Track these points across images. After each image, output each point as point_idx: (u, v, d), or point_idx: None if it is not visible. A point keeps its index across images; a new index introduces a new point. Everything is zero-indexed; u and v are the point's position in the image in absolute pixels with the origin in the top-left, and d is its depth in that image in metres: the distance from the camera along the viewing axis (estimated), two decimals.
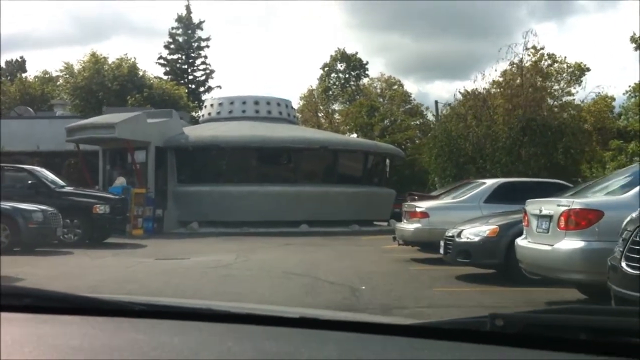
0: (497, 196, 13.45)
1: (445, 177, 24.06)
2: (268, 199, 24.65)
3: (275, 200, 24.69)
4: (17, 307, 1.51)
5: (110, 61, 46.78)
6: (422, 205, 13.82)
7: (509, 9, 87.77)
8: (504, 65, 25.48)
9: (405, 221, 14.43)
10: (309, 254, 16.20)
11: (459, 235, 10.91)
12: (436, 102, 47.71)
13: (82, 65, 46.98)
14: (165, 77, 53.35)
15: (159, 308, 1.59)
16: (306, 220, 24.69)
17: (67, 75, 47.26)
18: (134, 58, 47.79)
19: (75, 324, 1.45)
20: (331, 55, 60.73)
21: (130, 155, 24.05)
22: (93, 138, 23.66)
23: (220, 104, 29.25)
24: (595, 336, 1.20)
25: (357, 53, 60.89)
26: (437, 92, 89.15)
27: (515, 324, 1.24)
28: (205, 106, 30.48)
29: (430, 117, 55.76)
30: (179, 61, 57.67)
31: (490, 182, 13.96)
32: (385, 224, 28.20)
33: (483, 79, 25.44)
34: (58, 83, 48.02)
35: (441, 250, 11.44)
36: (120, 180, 23.15)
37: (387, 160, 28.71)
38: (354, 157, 27.01)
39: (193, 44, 57.42)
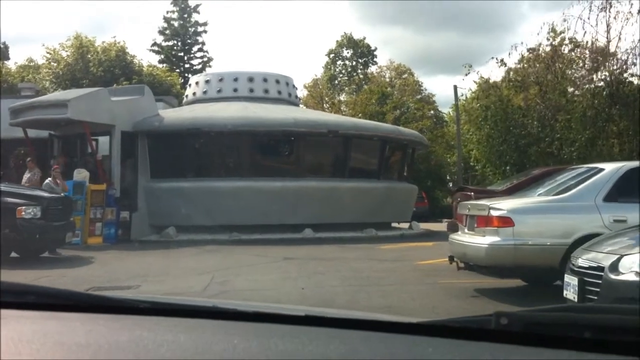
0: (625, 190, 7.99)
1: (500, 166, 18.27)
2: (263, 197, 19.17)
3: (272, 199, 19.22)
4: (22, 305, 1.49)
5: (97, 45, 41.75)
6: (501, 207, 8.23)
7: (512, 4, 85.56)
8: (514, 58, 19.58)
9: (467, 232, 8.87)
10: (314, 277, 10.79)
11: (615, 266, 5.34)
12: (455, 87, 42.29)
13: (65, 49, 41.90)
14: (160, 66, 47.92)
15: (164, 306, 1.55)
16: (310, 223, 19.25)
17: (50, 62, 42.03)
18: (123, 42, 42.64)
19: (80, 322, 1.41)
20: (337, 41, 55.52)
21: (88, 142, 18.53)
22: (41, 120, 18.19)
23: (207, 82, 23.62)
24: (600, 334, 1.17)
25: (364, 38, 55.48)
26: (440, 86, 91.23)
27: (519, 322, 1.20)
28: (190, 85, 24.83)
29: (441, 108, 50.55)
30: (175, 48, 52.44)
31: (610, 168, 8.40)
32: (407, 226, 22.67)
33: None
34: (43, 71, 42.51)
35: (569, 292, 5.85)
36: (83, 175, 17.69)
37: (409, 150, 23.02)
38: (369, 145, 21.40)
39: (189, 29, 52.11)
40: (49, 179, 15.90)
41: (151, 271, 12.09)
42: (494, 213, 8.16)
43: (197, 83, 24.02)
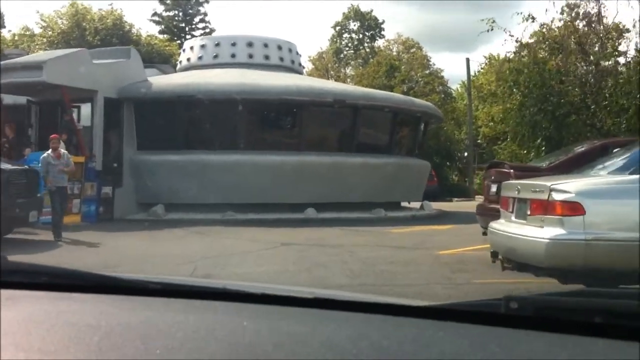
0: None
1: (533, 140, 15.94)
2: (262, 172, 17.06)
3: (271, 175, 17.13)
4: (34, 285, 1.47)
5: (93, 12, 39.50)
6: (567, 188, 6.08)
7: None
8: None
9: (516, 221, 6.73)
10: (316, 271, 8.74)
11: None
12: (467, 59, 39.99)
13: (61, 17, 39.63)
14: (160, 36, 45.60)
15: (174, 287, 1.52)
16: (313, 202, 17.17)
17: (45, 30, 39.79)
18: (121, 9, 40.38)
19: (91, 302, 1.40)
20: (344, 13, 53.03)
21: (67, 108, 16.37)
22: (15, 84, 15.96)
23: (202, 47, 21.34)
24: (610, 319, 1.14)
25: (372, 11, 52.95)
26: (445, 64, 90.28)
27: (529, 307, 1.19)
28: (184, 50, 22.57)
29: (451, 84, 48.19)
30: (176, 19, 50.06)
31: None
32: (418, 206, 20.54)
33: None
34: (37, 40, 40.26)
35: None
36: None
37: (422, 123, 20.76)
38: (379, 117, 19.20)
39: None
40: (49, 151, 12.77)
41: (125, 258, 10.11)
42: (557, 197, 6.00)
43: (191, 48, 21.76)
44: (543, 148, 15.25)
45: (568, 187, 6.10)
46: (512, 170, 8.96)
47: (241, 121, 17.69)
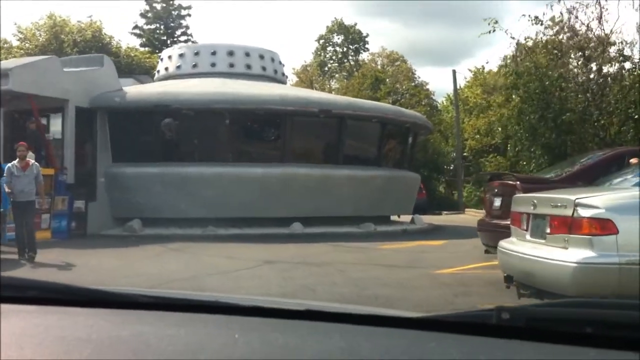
0: None
1: (534, 149, 15.00)
2: (244, 185, 16.12)
3: (254, 188, 16.19)
4: (23, 299, 1.45)
5: (71, 24, 38.48)
6: (595, 203, 5.19)
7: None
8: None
9: (532, 240, 5.84)
10: (302, 294, 7.79)
11: None
12: (454, 71, 39.38)
13: (39, 29, 38.59)
14: (142, 49, 44.57)
15: (165, 300, 1.50)
16: (300, 216, 16.19)
17: (23, 42, 38.72)
18: (100, 22, 39.35)
19: (81, 316, 1.38)
20: (327, 27, 52.22)
21: (35, 118, 15.37)
22: None
23: (180, 55, 20.37)
24: (601, 330, 1.13)
25: (356, 24, 52.22)
26: (428, 78, 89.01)
27: (521, 317, 1.17)
28: (162, 59, 21.58)
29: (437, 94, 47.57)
30: (157, 32, 49.00)
31: None
32: (408, 219, 19.66)
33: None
34: (15, 52, 39.06)
35: None
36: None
37: (411, 134, 19.87)
38: (367, 128, 18.29)
39: (172, 12, 48.71)
40: (15, 161, 11.43)
41: (95, 278, 9.05)
42: (584, 212, 5.11)
43: (169, 57, 20.79)
44: (545, 157, 14.33)
45: (596, 201, 5.20)
46: (518, 182, 8.07)
47: (222, 132, 16.73)
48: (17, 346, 1.17)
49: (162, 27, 48.88)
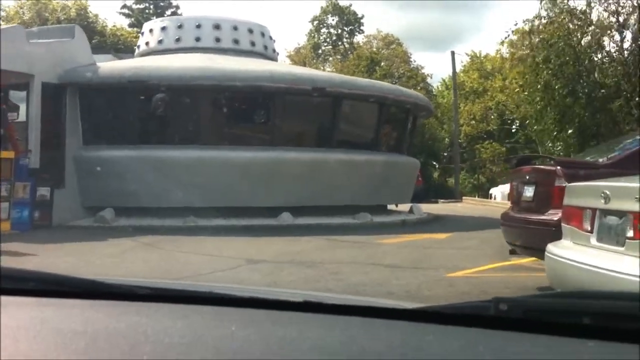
0: None
1: (562, 129, 13.22)
2: (229, 170, 14.48)
3: (240, 174, 14.54)
4: (20, 291, 1.43)
5: (55, 2, 36.74)
6: None
7: None
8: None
9: (601, 246, 4.17)
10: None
11: None
12: (452, 52, 37.77)
13: (21, 6, 36.86)
14: (130, 30, 42.76)
15: (162, 292, 1.47)
16: (289, 206, 14.59)
17: (4, 21, 36.90)
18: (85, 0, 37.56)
19: (77, 308, 1.36)
20: (322, 7, 50.41)
21: None
22: None
23: (162, 29, 18.57)
24: (599, 321, 1.12)
25: (350, 5, 50.39)
26: (422, 63, 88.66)
27: (518, 309, 1.16)
28: (143, 33, 19.79)
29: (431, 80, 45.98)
30: (147, 11, 47.03)
31: None
32: (407, 209, 18.06)
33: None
34: None
35: None
36: None
37: (412, 116, 18.17)
38: (364, 108, 16.61)
39: None
40: None
41: None
42: None
43: (151, 31, 18.98)
44: (574, 139, 12.61)
45: None
46: (558, 167, 6.42)
47: (205, 112, 15.02)
48: (13, 338, 1.14)
49: (151, 6, 47.03)
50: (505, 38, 17.43)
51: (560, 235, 5.09)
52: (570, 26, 13.52)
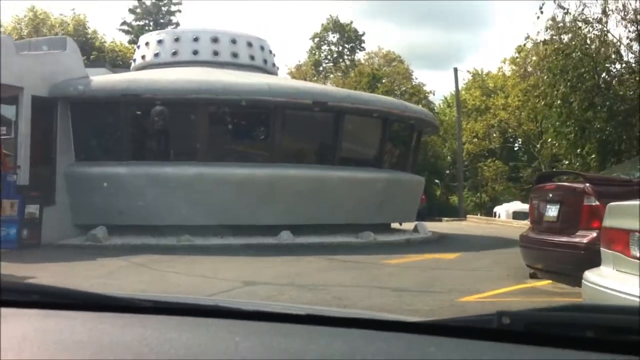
0: None
1: (580, 145, 12.47)
2: (226, 188, 13.89)
3: (238, 191, 13.94)
4: (23, 303, 1.42)
5: (53, 18, 36.39)
6: None
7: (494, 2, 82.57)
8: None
9: None
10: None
11: None
12: (455, 69, 37.30)
13: (19, 22, 36.48)
14: (130, 46, 42.41)
15: (166, 305, 1.49)
16: (289, 224, 13.91)
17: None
18: (84, 15, 37.24)
19: (82, 320, 1.35)
20: (322, 24, 49.98)
21: None
22: None
23: (159, 42, 18.01)
24: (602, 334, 1.11)
25: (351, 22, 50.04)
26: (422, 81, 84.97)
27: (521, 322, 1.15)
28: (139, 46, 19.26)
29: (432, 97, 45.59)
30: (146, 28, 46.68)
31: None
32: (410, 227, 17.40)
33: None
34: None
35: None
36: None
37: (416, 132, 17.54)
38: (367, 124, 16.00)
39: (162, 8, 46.48)
40: None
41: None
42: None
43: (147, 44, 18.43)
44: (592, 156, 11.88)
45: None
46: (587, 185, 5.77)
47: (201, 126, 14.39)
48: (16, 350, 1.15)
49: (151, 23, 46.75)
50: (524, 44, 16.82)
51: (592, 260, 4.47)
52: (587, 34, 12.89)
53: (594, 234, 5.48)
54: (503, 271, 10.06)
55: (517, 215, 29.99)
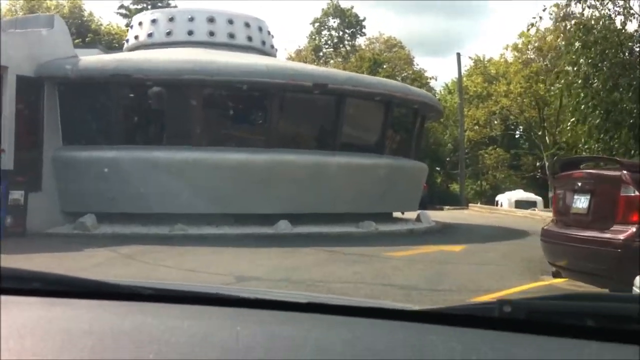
0: None
1: (603, 131, 11.70)
2: (221, 174, 13.20)
3: (233, 178, 13.25)
4: (26, 291, 1.41)
5: (48, 0, 35.59)
6: None
7: None
8: None
9: None
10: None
11: None
12: (458, 54, 36.59)
13: (14, 4, 35.70)
14: (126, 29, 41.61)
15: (168, 292, 1.46)
16: (287, 213, 13.25)
17: None
18: None
19: (84, 308, 1.34)
20: (323, 9, 49.21)
21: None
22: None
23: (153, 22, 17.21)
24: (602, 323, 1.11)
25: (352, 8, 49.20)
26: (423, 68, 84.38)
27: (522, 310, 1.14)
28: (132, 26, 18.47)
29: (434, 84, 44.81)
30: (144, 12, 45.81)
31: None
32: (413, 216, 16.74)
33: None
34: None
35: None
36: None
37: (420, 116, 16.81)
38: (369, 107, 15.30)
39: None
40: None
41: None
42: None
43: (140, 24, 17.61)
44: (616, 142, 11.08)
45: None
46: (625, 172, 5.04)
47: (195, 109, 13.64)
48: (17, 338, 1.14)
49: (149, 7, 45.87)
50: (535, 24, 16.11)
51: (629, 258, 3.80)
52: (610, 7, 12.10)
53: (633, 229, 4.80)
54: (514, 266, 9.43)
55: (519, 204, 29.39)
